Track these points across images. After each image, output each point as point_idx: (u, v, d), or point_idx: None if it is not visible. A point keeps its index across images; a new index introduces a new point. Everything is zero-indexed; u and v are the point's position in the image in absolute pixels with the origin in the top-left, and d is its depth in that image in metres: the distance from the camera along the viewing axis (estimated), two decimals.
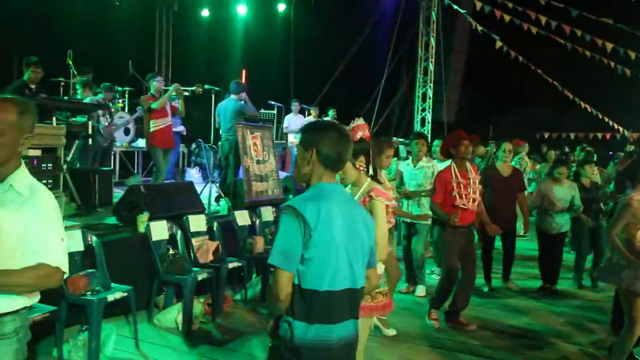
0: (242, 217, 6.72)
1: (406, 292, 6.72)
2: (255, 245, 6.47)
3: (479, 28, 14.10)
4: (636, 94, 15.27)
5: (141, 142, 10.71)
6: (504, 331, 5.63)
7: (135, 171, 11.67)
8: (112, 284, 4.79)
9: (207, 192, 7.96)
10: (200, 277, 5.35)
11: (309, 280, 2.38)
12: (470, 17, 14.72)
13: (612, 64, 13.35)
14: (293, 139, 11.74)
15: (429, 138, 14.70)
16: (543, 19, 12.70)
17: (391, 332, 5.21)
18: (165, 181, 8.42)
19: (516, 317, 6.11)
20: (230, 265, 5.91)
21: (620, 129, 17.06)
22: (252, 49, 15.94)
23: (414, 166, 6.86)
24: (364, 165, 3.64)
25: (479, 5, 13.27)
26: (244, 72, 14.93)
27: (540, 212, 7.23)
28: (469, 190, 5.33)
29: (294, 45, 15.75)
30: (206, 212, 7.11)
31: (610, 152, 16.13)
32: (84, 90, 8.72)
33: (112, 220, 6.47)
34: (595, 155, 11.48)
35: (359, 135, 3.71)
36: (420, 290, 6.70)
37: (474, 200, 5.37)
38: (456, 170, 5.43)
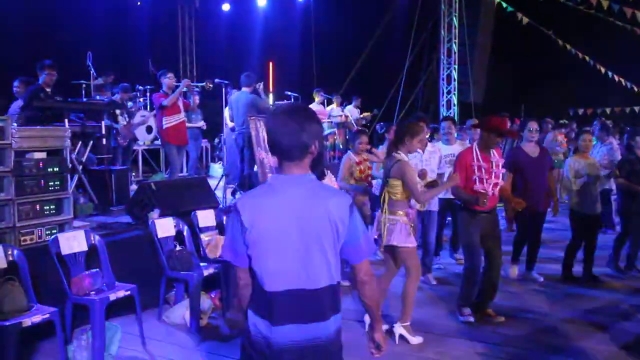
0: None
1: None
2: None
3: (504, 5, 13.71)
4: None
5: None
6: (534, 322, 5.36)
7: (160, 169, 11.80)
8: (117, 283, 4.81)
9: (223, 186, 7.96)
10: (206, 273, 5.32)
11: (259, 278, 2.34)
12: None
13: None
14: None
15: (456, 120, 14.44)
16: None
17: (417, 340, 4.84)
18: (187, 176, 8.45)
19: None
20: None
21: None
22: (274, 41, 15.92)
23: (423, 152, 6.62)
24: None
25: None
26: (270, 64, 14.89)
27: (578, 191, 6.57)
28: (491, 174, 5.07)
29: (314, 36, 15.63)
30: (221, 206, 7.11)
31: None
32: (99, 92, 8.82)
33: (127, 219, 6.54)
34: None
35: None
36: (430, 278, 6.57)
37: (494, 184, 5.11)
38: (478, 152, 5.15)
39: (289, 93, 11.26)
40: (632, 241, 6.82)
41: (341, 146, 12.09)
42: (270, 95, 10.21)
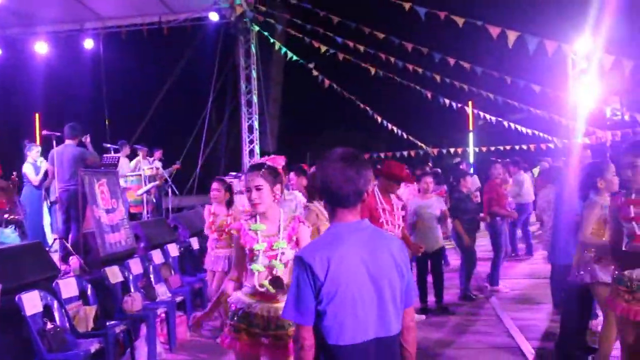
0: (114, 274, 6.08)
1: None
2: (133, 302, 5.91)
3: (294, 57, 14.59)
4: (435, 113, 16.97)
5: None
6: None
7: None
8: None
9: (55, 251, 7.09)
10: (93, 349, 4.71)
11: (331, 334, 2.24)
12: (284, 47, 15.19)
13: (417, 87, 14.67)
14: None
15: None
16: (351, 44, 13.41)
17: None
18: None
19: None
20: (117, 330, 5.30)
21: (423, 145, 18.81)
22: (58, 89, 14.69)
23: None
24: (279, 195, 3.57)
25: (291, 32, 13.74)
26: (37, 116, 13.61)
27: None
28: (394, 217, 5.41)
29: (106, 83, 14.82)
30: (59, 273, 6.33)
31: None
32: None
33: None
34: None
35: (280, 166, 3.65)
36: None
37: (398, 226, 5.45)
38: (380, 196, 5.45)
39: (109, 145, 10.46)
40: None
41: (154, 200, 11.56)
42: (36, 149, 9.28)
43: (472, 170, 16.38)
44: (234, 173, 12.63)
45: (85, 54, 14.61)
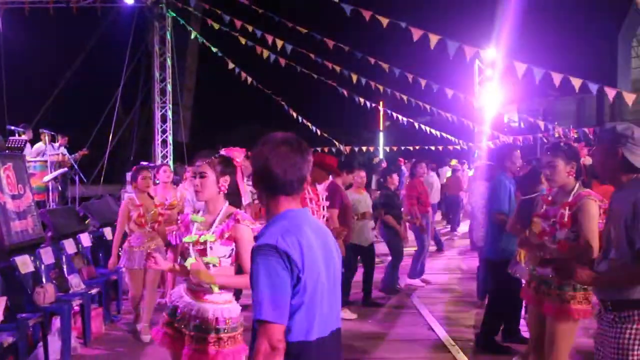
0: (24, 263, 5.65)
1: None
2: (45, 293, 5.53)
3: (212, 49, 14.27)
4: (348, 112, 17.21)
5: None
6: None
7: None
8: None
9: None
10: (5, 344, 4.35)
11: (295, 331, 2.07)
12: (200, 36, 14.83)
13: (335, 84, 14.77)
14: None
15: (171, 159, 14.39)
16: (269, 39, 13.30)
17: None
18: None
19: None
20: (30, 323, 4.93)
21: (336, 142, 19.01)
22: None
23: None
24: (226, 187, 3.42)
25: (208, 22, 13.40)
26: None
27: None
28: (320, 207, 5.32)
29: (4, 62, 13.74)
30: None
31: None
32: None
33: None
34: None
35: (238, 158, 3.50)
36: None
37: (323, 216, 5.40)
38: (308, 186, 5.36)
39: (13, 127, 9.70)
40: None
41: (59, 188, 10.89)
42: None
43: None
44: (145, 162, 12.17)
45: None
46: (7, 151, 7.62)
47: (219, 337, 3.20)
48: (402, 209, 8.18)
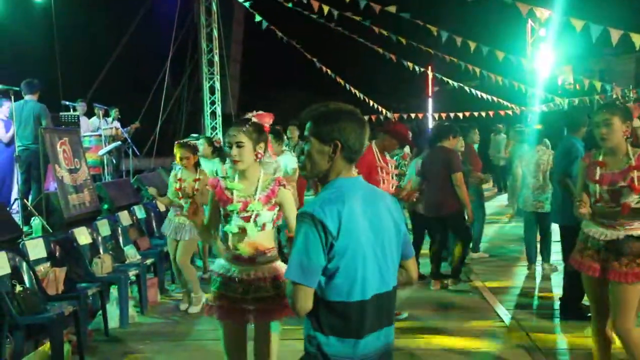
0: (82, 235, 5.85)
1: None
2: (103, 264, 5.73)
3: (257, 17, 14.20)
4: (398, 78, 16.90)
5: None
6: None
7: None
8: None
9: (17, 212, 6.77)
10: (67, 312, 4.53)
11: (335, 291, 2.19)
12: (248, 6, 14.77)
13: (381, 50, 14.51)
14: None
15: (220, 131, 14.52)
16: (315, 5, 13.09)
17: None
18: None
19: None
20: (90, 292, 5.12)
21: (383, 110, 18.78)
22: (7, 45, 13.90)
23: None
24: (262, 153, 3.40)
25: None
26: None
27: None
28: (390, 176, 5.31)
29: (57, 39, 14.07)
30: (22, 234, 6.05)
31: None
32: None
33: None
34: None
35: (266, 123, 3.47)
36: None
37: (393, 184, 5.37)
38: (378, 153, 5.30)
39: (68, 103, 9.96)
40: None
41: (114, 161, 11.16)
42: (7, 104, 8.79)
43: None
44: (195, 135, 12.33)
45: (36, 7, 13.82)
46: (62, 126, 7.81)
47: (277, 293, 3.23)
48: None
